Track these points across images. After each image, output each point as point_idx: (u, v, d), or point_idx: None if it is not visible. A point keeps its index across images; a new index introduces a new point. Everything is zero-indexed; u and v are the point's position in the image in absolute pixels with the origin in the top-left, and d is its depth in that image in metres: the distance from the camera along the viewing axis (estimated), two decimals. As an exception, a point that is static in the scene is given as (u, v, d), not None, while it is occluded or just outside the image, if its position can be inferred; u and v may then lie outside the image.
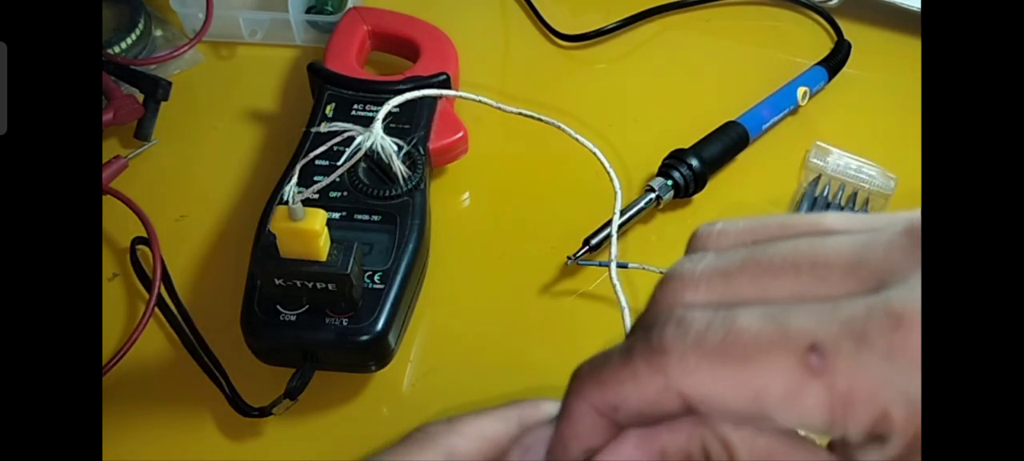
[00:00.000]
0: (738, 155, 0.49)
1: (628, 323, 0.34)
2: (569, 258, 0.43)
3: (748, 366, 0.17)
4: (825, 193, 0.47)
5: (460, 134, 0.47)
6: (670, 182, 0.46)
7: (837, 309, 0.17)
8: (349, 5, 0.54)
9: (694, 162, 0.46)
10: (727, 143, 0.48)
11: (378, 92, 0.47)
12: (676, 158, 0.47)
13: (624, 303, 0.34)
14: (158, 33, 0.56)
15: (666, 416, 0.18)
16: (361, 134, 0.33)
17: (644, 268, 0.42)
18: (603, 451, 0.19)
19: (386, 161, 0.34)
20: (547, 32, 0.57)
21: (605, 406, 0.19)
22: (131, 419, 0.40)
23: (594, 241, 0.43)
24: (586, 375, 0.20)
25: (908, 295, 0.17)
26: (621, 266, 0.41)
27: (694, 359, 0.17)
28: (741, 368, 0.17)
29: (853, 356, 0.16)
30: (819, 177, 0.48)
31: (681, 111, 0.52)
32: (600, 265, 0.43)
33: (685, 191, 0.46)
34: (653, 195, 0.46)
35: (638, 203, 0.45)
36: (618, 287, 0.34)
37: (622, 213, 0.43)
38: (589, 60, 0.57)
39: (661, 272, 0.45)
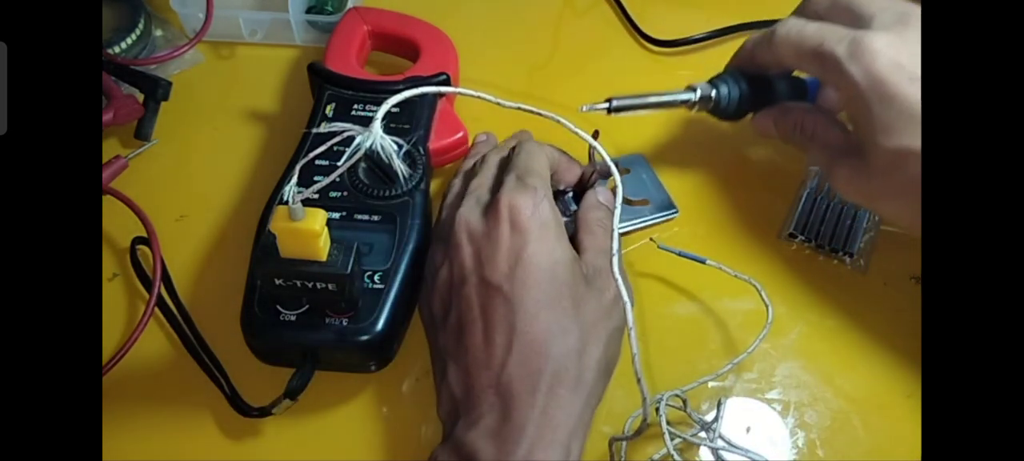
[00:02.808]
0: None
1: (631, 318, 0.34)
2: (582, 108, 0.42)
3: (802, 47, 0.40)
4: (826, 189, 0.47)
5: (460, 134, 0.47)
6: (713, 91, 0.44)
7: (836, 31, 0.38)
8: (349, 5, 0.54)
9: (743, 85, 0.44)
10: (784, 87, 0.45)
11: (378, 92, 0.47)
12: (730, 74, 0.45)
13: (626, 297, 0.34)
14: (158, 33, 0.56)
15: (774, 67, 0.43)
16: (361, 134, 0.33)
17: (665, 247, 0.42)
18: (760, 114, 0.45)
19: (386, 161, 0.34)
20: (635, 34, 0.57)
21: (749, 59, 0.44)
22: (131, 419, 0.40)
23: (615, 103, 0.42)
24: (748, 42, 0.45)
25: (867, 35, 0.37)
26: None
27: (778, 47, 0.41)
28: (798, 48, 0.40)
29: (835, 48, 0.38)
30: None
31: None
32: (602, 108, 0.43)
33: (724, 110, 0.44)
34: (693, 95, 0.44)
35: (673, 94, 0.44)
36: (619, 282, 0.34)
37: (656, 103, 0.43)
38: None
39: (661, 278, 0.45)
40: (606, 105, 0.42)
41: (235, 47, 0.57)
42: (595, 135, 0.43)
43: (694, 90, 0.44)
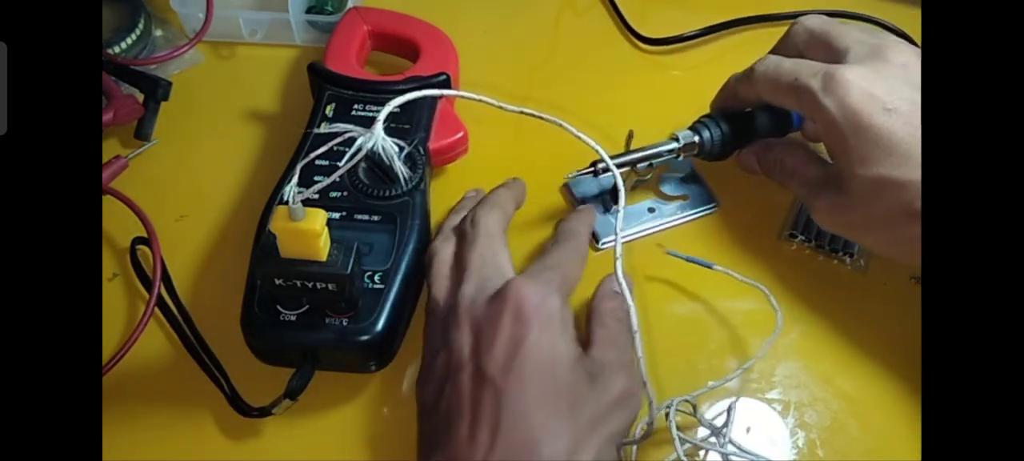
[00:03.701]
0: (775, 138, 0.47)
1: (635, 321, 0.34)
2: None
3: (779, 83, 0.41)
4: None
5: (460, 134, 0.47)
6: (696, 137, 0.45)
7: (811, 66, 0.40)
8: (349, 5, 0.54)
9: (725, 126, 0.45)
10: (766, 121, 0.46)
11: (378, 92, 0.47)
12: (711, 118, 0.45)
13: (630, 300, 0.34)
14: (158, 33, 0.56)
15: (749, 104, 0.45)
16: (362, 135, 0.33)
17: (673, 253, 0.42)
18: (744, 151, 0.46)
19: (387, 162, 0.34)
20: (627, 34, 0.58)
21: (732, 96, 0.45)
22: (131, 419, 0.40)
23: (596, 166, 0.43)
24: (731, 79, 0.46)
25: (840, 68, 0.39)
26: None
27: (757, 83, 0.43)
28: (775, 84, 0.41)
29: (810, 81, 0.39)
30: None
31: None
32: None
33: (709, 152, 0.45)
34: (675, 145, 0.44)
35: (658, 147, 0.44)
36: (623, 283, 0.34)
37: (642, 158, 0.44)
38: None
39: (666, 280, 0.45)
40: (591, 169, 0.43)
41: (235, 47, 0.57)
42: (630, 136, 0.45)
43: (677, 139, 0.45)
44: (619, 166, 0.42)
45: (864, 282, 0.45)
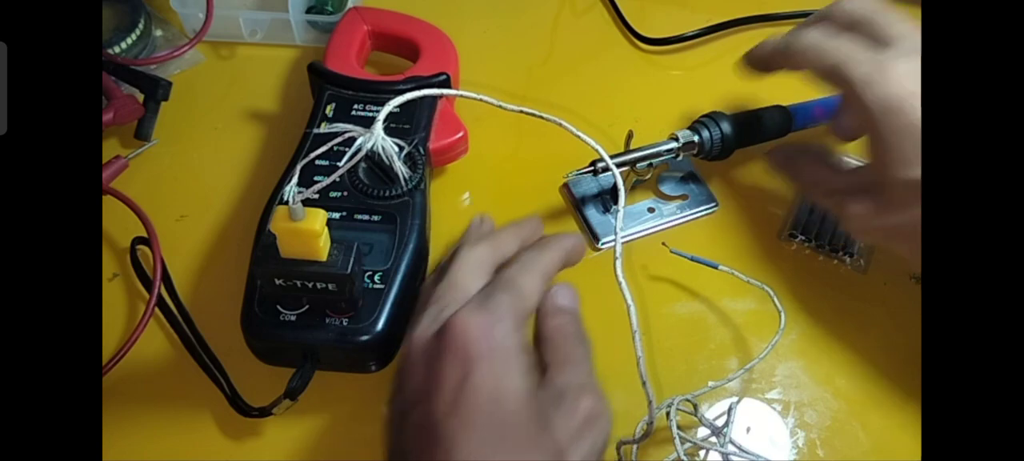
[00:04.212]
0: (776, 138, 0.48)
1: (635, 321, 0.34)
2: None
3: (822, 62, 0.38)
4: None
5: (460, 134, 0.47)
6: (695, 137, 0.44)
7: (859, 52, 0.37)
8: (349, 5, 0.54)
9: (725, 126, 0.44)
10: (767, 121, 0.46)
11: (378, 92, 0.47)
12: (711, 118, 0.45)
13: (630, 299, 0.34)
14: (158, 33, 0.56)
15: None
16: (362, 135, 0.33)
17: (677, 252, 0.42)
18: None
19: (387, 162, 0.34)
20: (627, 33, 0.58)
21: (763, 65, 0.43)
22: (131, 419, 0.40)
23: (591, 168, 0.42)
24: (766, 44, 0.43)
25: (888, 62, 0.36)
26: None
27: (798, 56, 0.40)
28: (818, 61, 0.39)
29: (855, 70, 0.36)
30: None
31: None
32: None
33: (709, 152, 0.45)
34: (675, 145, 0.44)
35: (658, 146, 0.44)
36: (623, 283, 0.34)
37: (641, 157, 0.43)
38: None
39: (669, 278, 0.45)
40: (591, 169, 0.42)
41: (235, 47, 0.57)
42: (629, 136, 0.44)
43: (677, 139, 0.44)
44: (619, 166, 0.42)
45: (864, 282, 0.45)
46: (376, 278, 0.39)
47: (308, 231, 0.33)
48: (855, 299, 0.44)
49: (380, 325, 0.38)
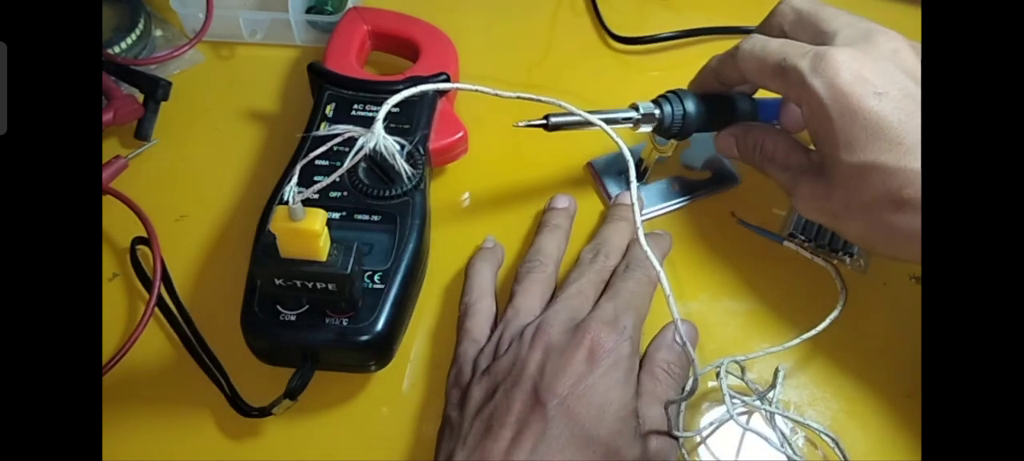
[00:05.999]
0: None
1: (667, 286, 0.33)
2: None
3: (765, 62, 0.40)
4: None
5: (460, 134, 0.47)
6: (656, 110, 0.43)
7: (799, 46, 0.39)
8: (349, 5, 0.54)
9: (689, 105, 0.43)
10: (731, 107, 0.45)
11: (378, 92, 0.47)
12: (676, 94, 0.44)
13: (660, 270, 0.33)
14: (158, 33, 0.56)
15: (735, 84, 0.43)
16: (362, 135, 0.33)
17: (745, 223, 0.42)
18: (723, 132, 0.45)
19: (388, 161, 0.34)
20: (603, 33, 0.58)
21: (713, 76, 0.44)
22: (131, 419, 0.40)
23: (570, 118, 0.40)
24: (713, 59, 0.44)
25: (830, 49, 0.37)
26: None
27: (741, 63, 0.41)
28: (761, 63, 0.40)
29: (798, 62, 0.38)
30: None
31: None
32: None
33: (668, 129, 0.43)
34: (634, 114, 0.43)
35: (615, 112, 0.43)
36: (649, 251, 0.34)
37: (599, 119, 0.40)
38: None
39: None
40: (543, 122, 0.40)
41: (235, 47, 0.57)
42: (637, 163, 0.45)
43: (636, 108, 0.43)
44: (573, 125, 0.41)
45: (864, 282, 0.45)
46: (376, 278, 0.39)
47: (308, 231, 0.33)
48: (855, 299, 0.44)
49: (380, 325, 0.38)
